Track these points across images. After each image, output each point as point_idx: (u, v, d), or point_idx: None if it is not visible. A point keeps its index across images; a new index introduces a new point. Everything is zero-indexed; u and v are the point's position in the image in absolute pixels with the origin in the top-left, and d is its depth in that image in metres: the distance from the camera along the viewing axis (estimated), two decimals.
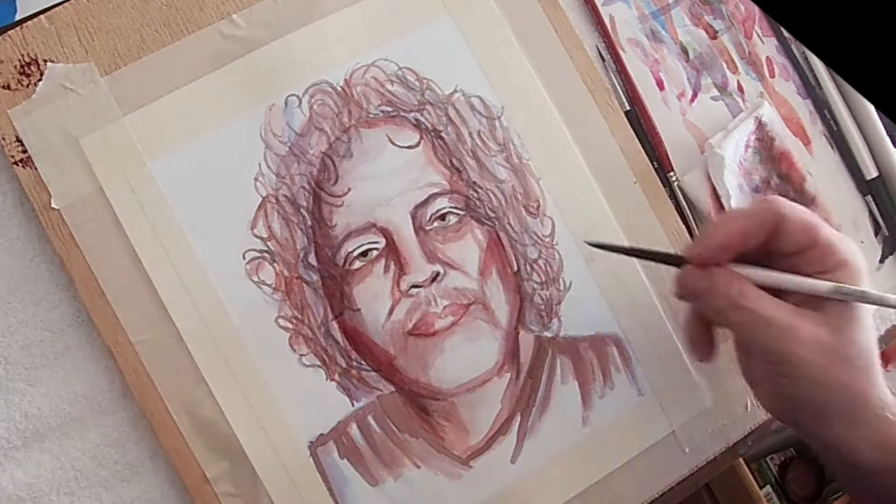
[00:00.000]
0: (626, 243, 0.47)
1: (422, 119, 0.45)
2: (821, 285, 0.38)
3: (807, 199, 0.52)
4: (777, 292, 0.39)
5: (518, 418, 0.45)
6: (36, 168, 0.41)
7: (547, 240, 0.46)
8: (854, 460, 0.38)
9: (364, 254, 0.43)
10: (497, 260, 0.45)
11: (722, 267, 0.39)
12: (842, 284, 0.38)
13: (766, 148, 0.51)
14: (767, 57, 0.54)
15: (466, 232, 0.45)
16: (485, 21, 0.47)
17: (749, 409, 0.48)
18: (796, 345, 0.37)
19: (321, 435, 0.43)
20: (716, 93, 0.52)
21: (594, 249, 0.46)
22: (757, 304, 0.38)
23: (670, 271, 0.48)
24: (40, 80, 0.41)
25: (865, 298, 0.38)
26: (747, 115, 0.52)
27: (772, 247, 0.39)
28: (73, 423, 0.41)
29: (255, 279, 0.43)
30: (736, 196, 0.49)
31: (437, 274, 0.44)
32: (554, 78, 0.48)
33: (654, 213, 0.48)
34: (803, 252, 0.38)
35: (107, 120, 0.42)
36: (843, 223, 0.53)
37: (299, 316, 0.43)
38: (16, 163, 0.41)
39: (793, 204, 0.38)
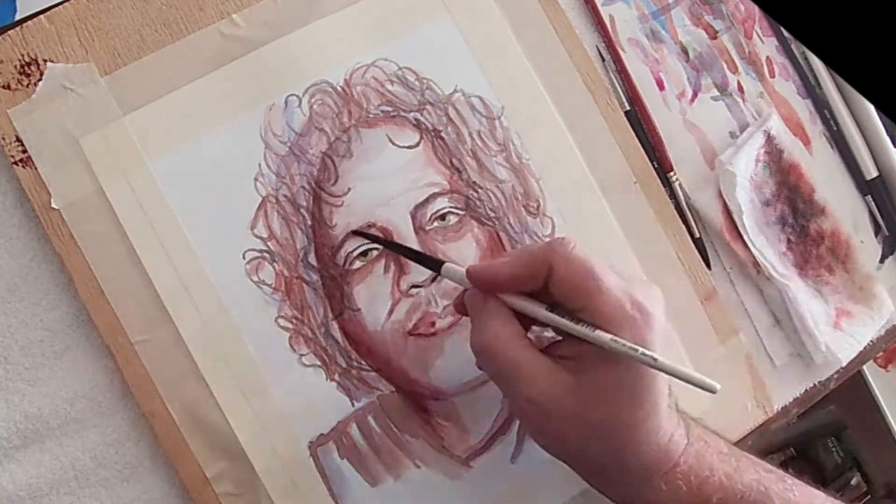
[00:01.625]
0: (626, 245, 0.47)
1: (422, 119, 0.45)
2: (584, 332, 0.35)
3: (816, 210, 0.52)
4: (558, 336, 0.38)
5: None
6: (36, 168, 0.41)
7: (547, 239, 0.46)
8: None
9: (364, 254, 0.43)
10: None
11: (492, 297, 0.37)
12: (612, 340, 0.34)
13: (776, 161, 0.52)
14: (767, 57, 0.54)
15: (466, 232, 0.45)
16: (485, 21, 0.47)
17: (749, 409, 0.48)
18: (535, 405, 0.36)
19: (321, 435, 0.43)
20: (716, 93, 0.52)
21: (594, 249, 0.46)
22: (507, 357, 0.36)
23: (671, 273, 0.48)
24: (40, 80, 0.41)
25: (637, 357, 0.34)
26: (756, 128, 0.52)
27: (554, 295, 0.37)
28: (73, 423, 0.41)
29: (255, 279, 0.43)
30: (748, 211, 0.49)
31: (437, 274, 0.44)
32: (554, 78, 0.48)
33: (653, 213, 0.48)
34: (579, 312, 0.36)
35: (107, 120, 0.42)
36: (843, 223, 0.53)
37: (299, 316, 0.43)
38: (16, 163, 0.41)
39: (570, 258, 0.36)
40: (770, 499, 0.37)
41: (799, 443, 1.37)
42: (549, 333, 0.41)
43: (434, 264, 0.41)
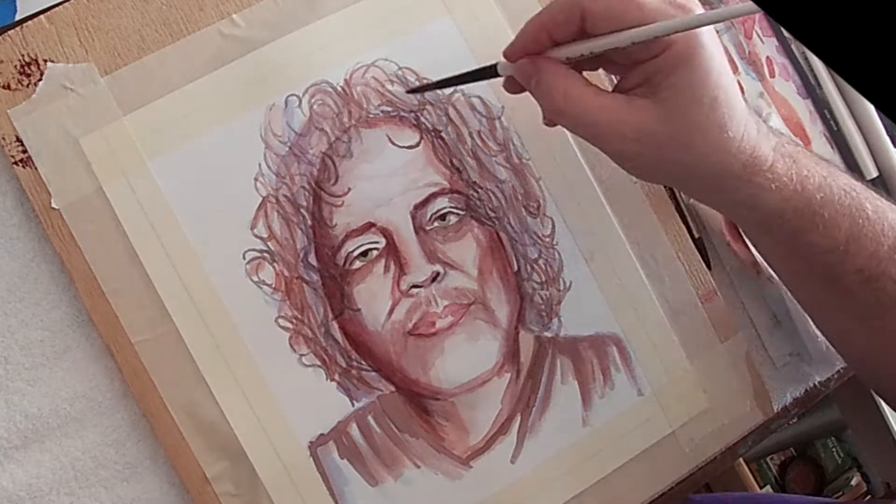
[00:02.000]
0: (628, 248, 0.47)
1: (422, 119, 0.45)
2: (638, 32, 0.34)
3: None
4: (621, 76, 0.38)
5: (518, 418, 0.45)
6: (36, 168, 0.41)
7: (547, 240, 0.46)
8: (735, 219, 0.40)
9: (364, 254, 0.43)
10: (497, 260, 0.45)
11: (543, 56, 0.37)
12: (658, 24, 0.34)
13: None
14: (767, 57, 0.54)
15: (466, 232, 0.45)
16: (485, 21, 0.47)
17: (749, 409, 0.48)
18: (623, 143, 0.36)
19: (321, 435, 0.43)
20: None
21: (594, 249, 0.46)
22: (580, 108, 0.36)
23: (671, 273, 0.48)
24: (40, 80, 0.41)
25: (690, 23, 0.34)
26: None
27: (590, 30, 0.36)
28: (73, 423, 0.41)
29: (255, 279, 0.43)
30: None
31: (437, 274, 0.44)
32: None
33: (654, 213, 0.48)
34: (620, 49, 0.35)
35: (107, 120, 0.42)
36: None
37: (299, 316, 0.43)
38: (16, 163, 0.41)
39: None
40: (862, 203, 0.39)
41: (799, 443, 1.37)
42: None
43: (490, 70, 0.40)
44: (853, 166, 0.55)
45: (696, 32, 0.35)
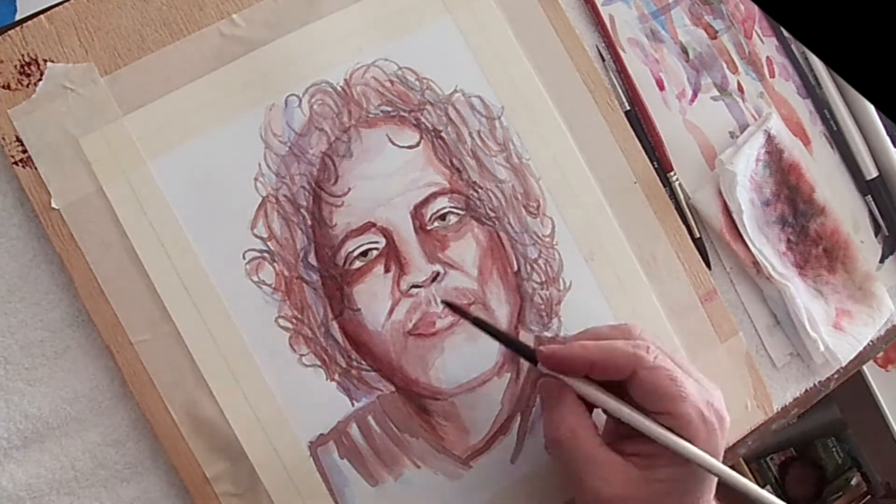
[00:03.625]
0: (628, 248, 0.47)
1: (422, 119, 0.45)
2: (662, 436, 0.37)
3: (816, 210, 0.52)
4: (629, 433, 0.39)
5: (518, 418, 0.45)
6: (36, 168, 0.41)
7: (547, 240, 0.46)
8: None
9: (364, 254, 0.43)
10: (497, 260, 0.45)
11: (568, 391, 0.39)
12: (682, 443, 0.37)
13: (776, 161, 0.52)
14: (767, 57, 0.54)
15: (466, 232, 0.45)
16: (485, 21, 0.47)
17: (749, 409, 0.48)
18: (599, 500, 0.37)
19: (321, 435, 0.43)
20: (716, 93, 0.52)
21: (594, 249, 0.46)
22: (580, 452, 0.38)
23: (671, 273, 0.48)
24: (40, 79, 0.41)
25: (708, 466, 0.37)
26: (756, 128, 0.52)
27: (632, 396, 0.38)
28: (73, 423, 0.41)
29: (255, 279, 0.43)
30: (748, 211, 0.49)
31: (437, 274, 0.44)
32: (554, 78, 0.48)
33: (653, 213, 0.48)
34: (660, 416, 0.37)
35: (107, 120, 0.42)
36: (843, 223, 0.53)
37: (299, 316, 0.43)
38: (16, 163, 0.41)
39: (654, 366, 0.37)
40: None
41: (799, 443, 1.37)
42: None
43: (527, 352, 0.41)
44: (853, 166, 0.55)
45: (723, 432, 0.38)
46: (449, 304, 0.42)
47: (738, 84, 0.53)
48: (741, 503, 0.40)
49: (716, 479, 0.38)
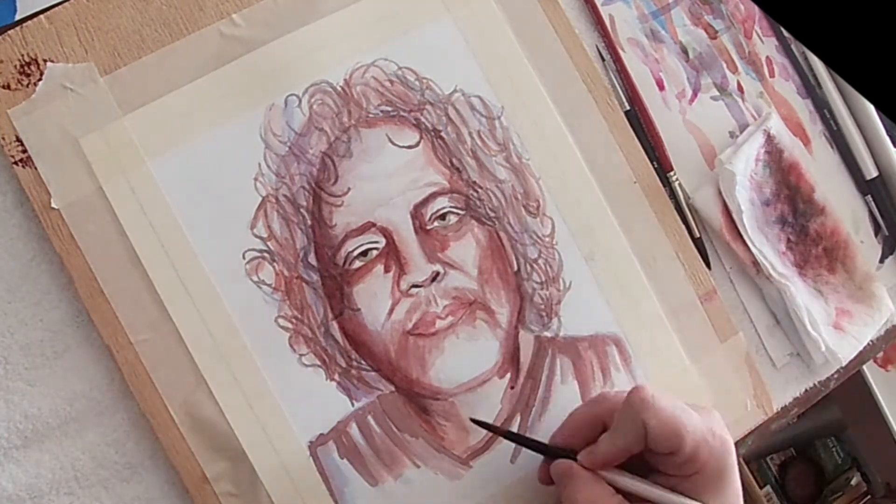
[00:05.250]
0: (628, 248, 0.47)
1: (422, 119, 0.45)
2: (664, 497, 0.39)
3: (816, 210, 0.52)
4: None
5: (518, 418, 0.45)
6: (36, 168, 0.41)
7: (547, 239, 0.46)
8: None
9: (364, 253, 0.43)
10: (497, 260, 0.45)
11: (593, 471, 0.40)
12: None
13: (776, 160, 0.51)
14: (767, 57, 0.54)
15: (466, 232, 0.45)
16: (485, 21, 0.47)
17: (749, 409, 0.48)
18: None
19: (321, 435, 0.43)
20: (716, 93, 0.52)
21: (594, 249, 0.46)
22: None
23: (671, 273, 0.48)
24: (40, 79, 0.41)
25: None
26: (756, 128, 0.52)
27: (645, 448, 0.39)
28: (73, 423, 0.41)
29: (255, 279, 0.43)
30: (748, 210, 0.49)
31: (437, 274, 0.44)
32: (554, 78, 0.48)
33: (653, 213, 0.48)
34: (670, 455, 0.39)
35: (107, 120, 0.42)
36: (842, 223, 0.53)
37: (299, 316, 0.43)
38: (16, 163, 0.41)
39: (658, 406, 0.38)
40: None
41: (799, 443, 1.37)
42: None
43: (542, 448, 0.43)
44: (853, 166, 0.55)
45: (730, 453, 0.40)
46: (478, 423, 0.43)
47: (738, 84, 0.53)
48: None
49: None
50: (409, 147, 0.45)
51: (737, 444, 0.48)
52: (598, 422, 0.41)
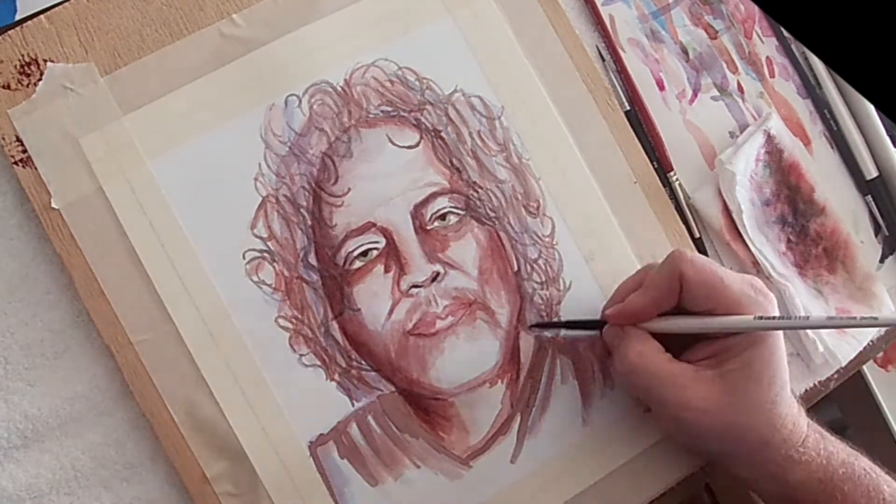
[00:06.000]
0: (628, 248, 0.47)
1: (422, 119, 0.45)
2: (735, 321, 0.39)
3: (816, 210, 0.52)
4: (690, 343, 0.41)
5: (518, 418, 0.45)
6: (36, 168, 0.41)
7: (547, 240, 0.46)
8: (757, 491, 0.43)
9: (364, 253, 0.43)
10: (497, 260, 0.45)
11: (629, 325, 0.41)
12: (757, 318, 0.39)
13: (776, 160, 0.51)
14: (767, 57, 0.54)
15: (467, 232, 0.45)
16: (485, 21, 0.47)
17: None
18: (688, 410, 0.39)
19: (321, 435, 0.43)
20: (716, 93, 0.52)
21: (594, 249, 0.46)
22: (652, 369, 0.40)
23: None
24: (40, 79, 0.41)
25: (783, 325, 0.39)
26: (756, 128, 0.52)
27: (684, 304, 0.40)
28: (73, 423, 0.41)
29: (255, 279, 0.43)
30: (748, 211, 0.49)
31: (438, 274, 0.44)
32: (554, 78, 0.48)
33: (653, 213, 0.48)
34: (709, 314, 0.40)
35: (107, 120, 0.42)
36: (843, 223, 0.53)
37: (299, 316, 0.43)
38: (16, 163, 0.41)
39: (694, 261, 0.39)
40: (880, 485, 0.40)
41: None
42: None
43: (594, 324, 0.44)
44: (853, 166, 0.55)
45: (774, 308, 0.40)
46: (537, 325, 0.45)
47: (738, 84, 0.53)
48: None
49: (785, 364, 0.40)
50: (410, 147, 0.45)
51: None
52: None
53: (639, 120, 0.50)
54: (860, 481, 0.40)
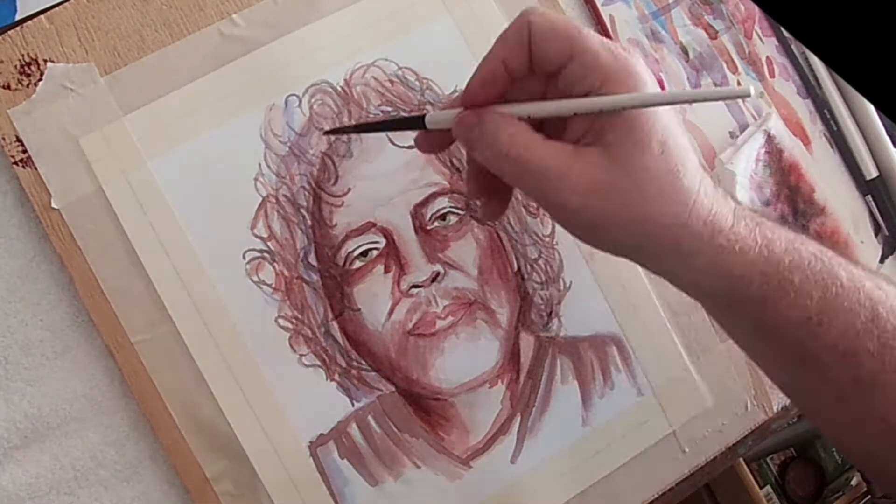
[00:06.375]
0: None
1: None
2: (573, 103, 0.33)
3: (816, 210, 0.52)
4: (558, 127, 0.34)
5: (518, 418, 0.45)
6: (36, 168, 0.41)
7: (547, 240, 0.46)
8: (694, 290, 0.36)
9: (364, 254, 0.43)
10: (497, 260, 0.45)
11: (489, 107, 0.34)
12: (593, 97, 0.32)
13: (776, 160, 0.52)
14: (767, 57, 0.54)
15: (467, 232, 0.45)
16: (485, 21, 0.47)
17: (749, 409, 0.48)
18: (569, 193, 0.32)
19: (321, 435, 0.43)
20: None
21: (594, 249, 0.46)
22: (526, 152, 0.33)
23: None
24: (40, 80, 0.41)
25: (626, 103, 0.32)
26: (756, 128, 0.52)
27: (536, 68, 0.33)
28: (73, 422, 0.41)
29: (255, 279, 0.43)
30: None
31: (438, 274, 0.44)
32: None
33: None
34: (565, 69, 0.33)
35: (107, 120, 0.42)
36: (842, 223, 0.53)
37: (299, 316, 0.43)
38: (16, 163, 0.41)
39: (545, 13, 0.33)
40: (835, 269, 0.34)
41: (799, 443, 1.37)
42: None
43: (416, 121, 0.36)
44: (853, 166, 0.55)
45: (642, 76, 0.33)
46: (328, 132, 0.41)
47: (738, 84, 0.53)
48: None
49: (681, 126, 0.34)
50: (410, 147, 0.45)
51: (737, 444, 0.48)
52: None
53: None
54: (811, 269, 0.34)
